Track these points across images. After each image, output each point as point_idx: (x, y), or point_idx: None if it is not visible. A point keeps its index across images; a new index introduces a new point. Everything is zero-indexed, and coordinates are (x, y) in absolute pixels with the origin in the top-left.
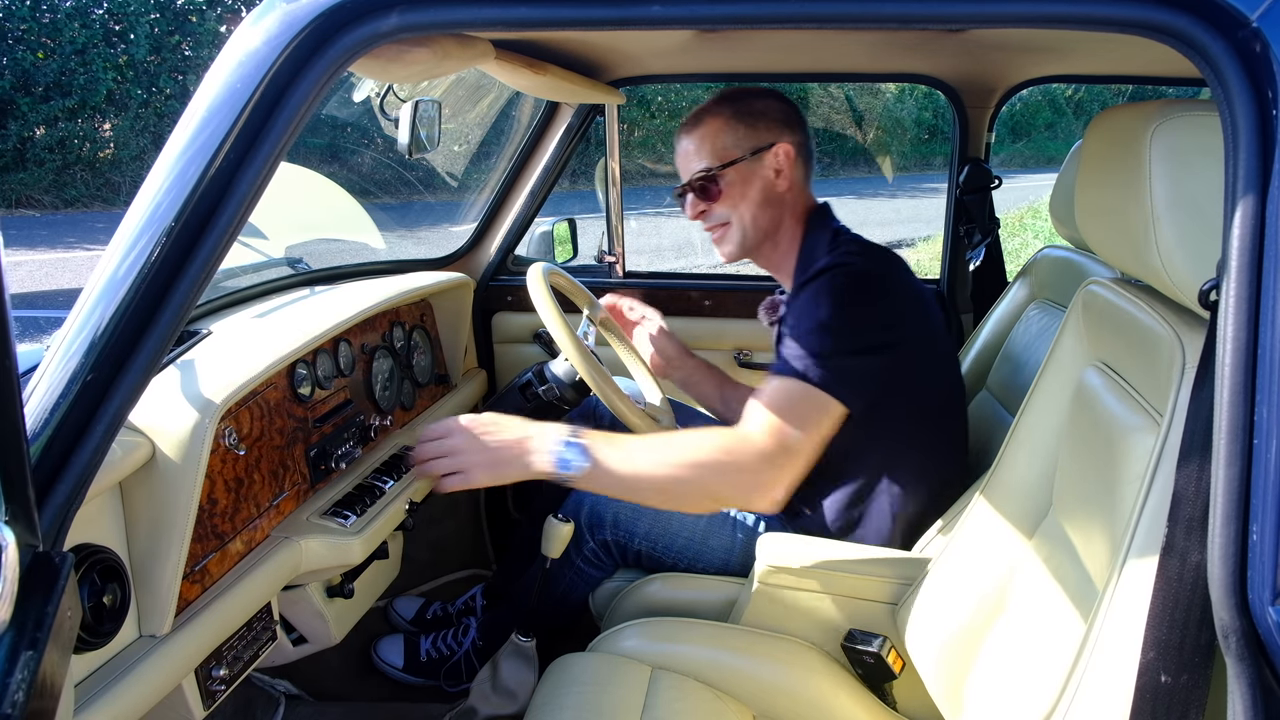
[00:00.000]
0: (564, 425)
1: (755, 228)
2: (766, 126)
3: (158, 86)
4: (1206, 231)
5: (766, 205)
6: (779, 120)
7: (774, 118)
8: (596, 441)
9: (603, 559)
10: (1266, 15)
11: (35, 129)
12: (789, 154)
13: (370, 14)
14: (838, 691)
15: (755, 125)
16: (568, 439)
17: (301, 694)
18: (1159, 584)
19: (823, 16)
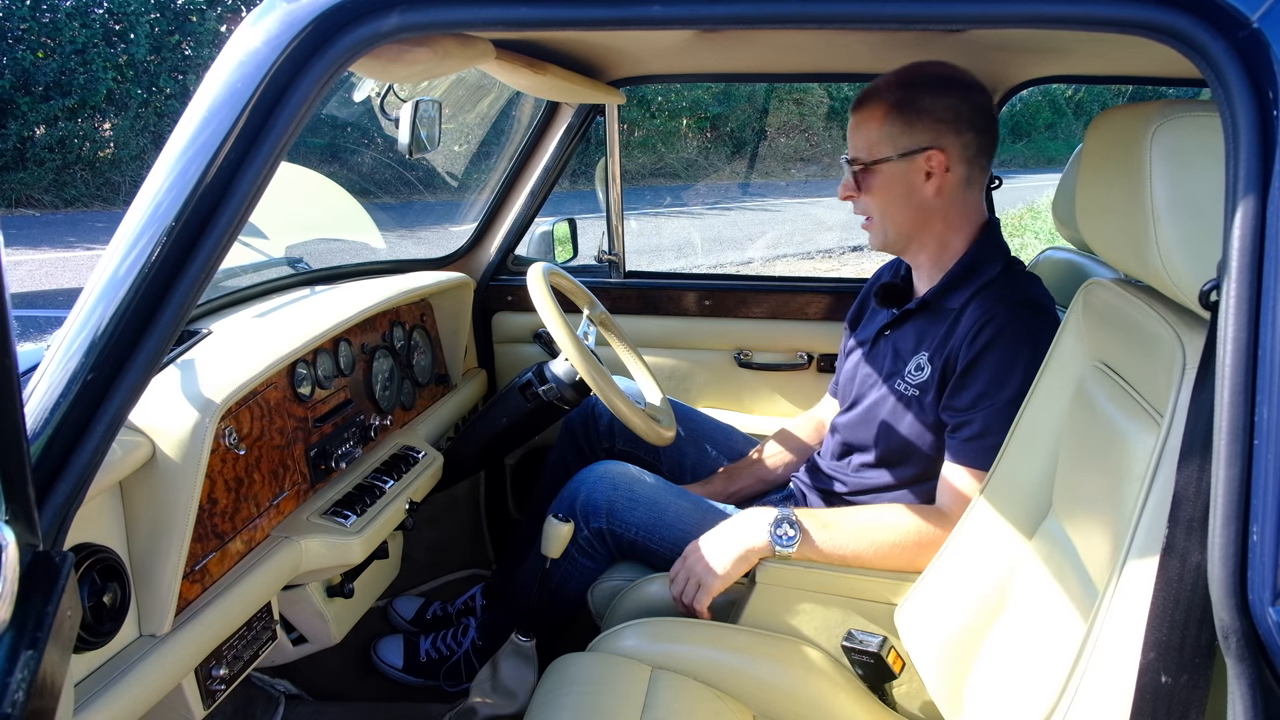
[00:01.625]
0: (770, 509)
1: (897, 230)
2: (927, 126)
3: (158, 86)
4: (1207, 232)
5: (912, 209)
6: (944, 120)
7: (939, 117)
8: (807, 519)
9: (597, 549)
10: (1267, 16)
11: (35, 128)
12: (941, 162)
13: (371, 14)
14: (837, 691)
15: (914, 124)
16: (778, 516)
17: (301, 694)
18: (1159, 584)
19: (823, 17)
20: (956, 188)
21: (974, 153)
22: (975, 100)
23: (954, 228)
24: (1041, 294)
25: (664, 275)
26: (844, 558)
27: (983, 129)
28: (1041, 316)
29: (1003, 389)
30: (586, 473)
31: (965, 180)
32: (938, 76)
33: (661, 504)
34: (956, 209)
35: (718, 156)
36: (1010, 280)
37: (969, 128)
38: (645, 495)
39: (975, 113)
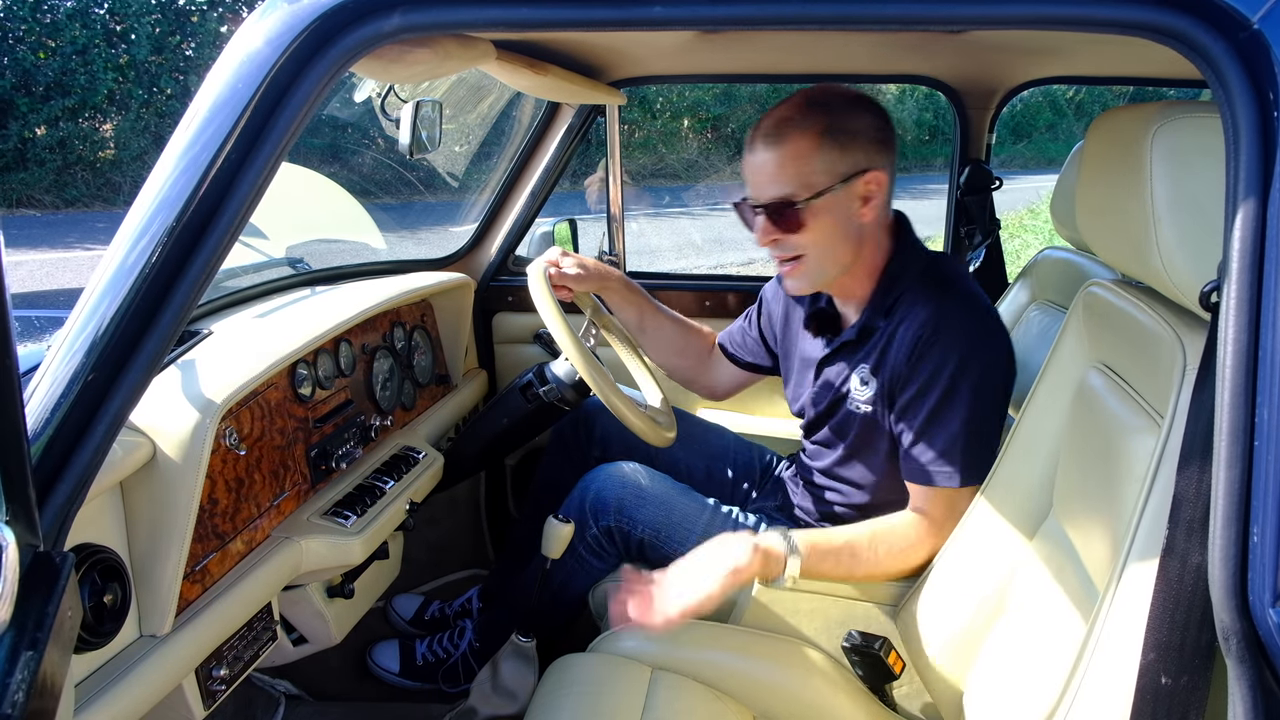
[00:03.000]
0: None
1: (835, 263)
2: (860, 148)
3: (159, 87)
4: (1207, 233)
5: (849, 238)
6: (874, 140)
7: (869, 138)
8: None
9: (605, 548)
10: (1268, 17)
11: (36, 129)
12: (881, 182)
13: (372, 14)
14: (837, 692)
15: (848, 147)
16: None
17: (302, 694)
18: (1159, 585)
19: (824, 18)
20: (884, 206)
21: (893, 170)
22: (885, 116)
23: (880, 248)
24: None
25: (664, 276)
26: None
27: (895, 145)
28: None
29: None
30: (596, 472)
31: (889, 199)
32: (851, 96)
33: (670, 503)
34: (882, 229)
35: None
36: (935, 277)
37: (889, 146)
38: (654, 494)
39: (889, 129)
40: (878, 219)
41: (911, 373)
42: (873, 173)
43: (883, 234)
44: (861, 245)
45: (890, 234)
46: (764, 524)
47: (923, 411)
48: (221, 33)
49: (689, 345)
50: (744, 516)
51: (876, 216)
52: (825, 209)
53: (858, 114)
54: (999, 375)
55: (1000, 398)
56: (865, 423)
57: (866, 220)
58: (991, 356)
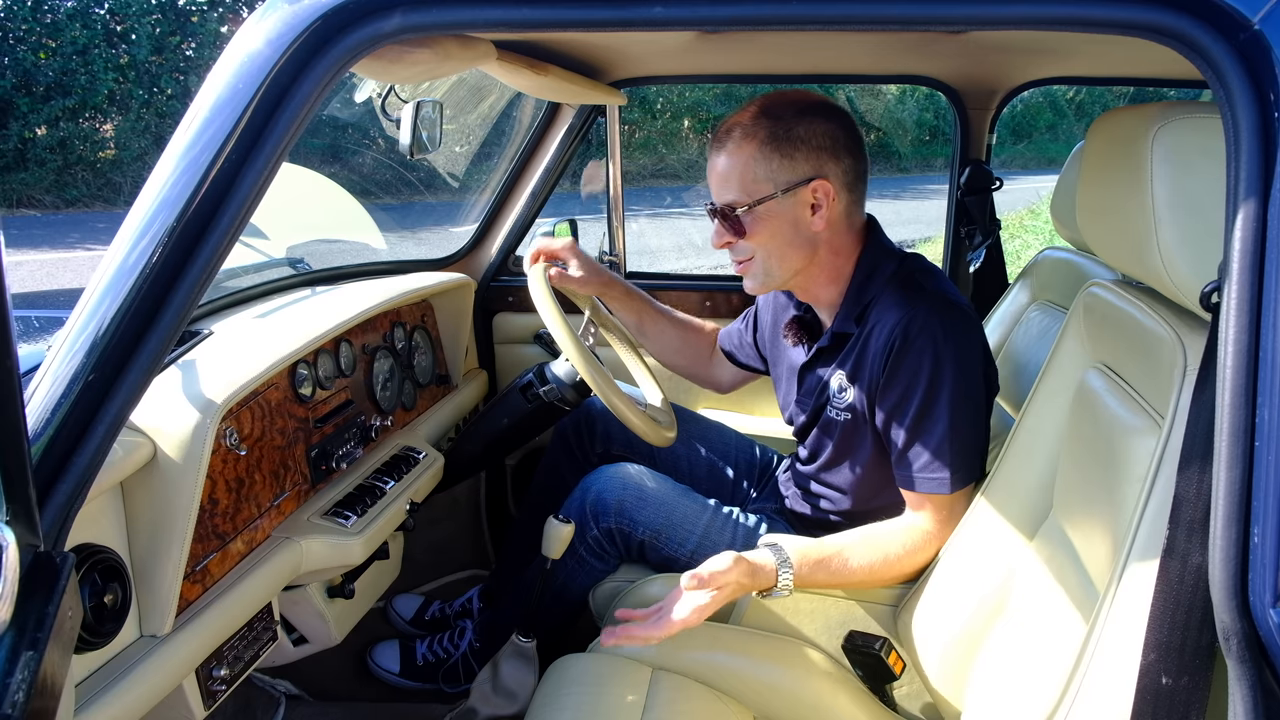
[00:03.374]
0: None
1: (784, 266)
2: (806, 156)
3: (159, 87)
4: (1208, 233)
5: (798, 244)
6: (822, 148)
7: (816, 145)
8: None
9: (606, 549)
10: (1268, 17)
11: (36, 129)
12: (829, 192)
13: (372, 15)
14: (838, 693)
15: (792, 155)
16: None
17: (302, 694)
18: (1160, 586)
19: (824, 18)
20: (841, 216)
21: (853, 178)
22: (845, 123)
23: (842, 253)
24: (940, 285)
25: (664, 276)
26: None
27: (857, 153)
28: (945, 309)
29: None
30: (597, 473)
31: (848, 206)
32: (804, 103)
33: (670, 504)
34: (841, 235)
35: None
36: (905, 280)
37: (846, 152)
38: (654, 495)
39: (848, 136)
40: (835, 225)
41: (889, 380)
42: (819, 181)
43: (848, 239)
44: (815, 251)
45: (859, 238)
46: (764, 525)
47: (906, 419)
48: (222, 33)
49: (688, 344)
50: (744, 517)
51: (832, 223)
52: (768, 215)
53: (807, 122)
54: (976, 371)
55: (981, 393)
56: (847, 428)
57: (818, 229)
58: (966, 354)
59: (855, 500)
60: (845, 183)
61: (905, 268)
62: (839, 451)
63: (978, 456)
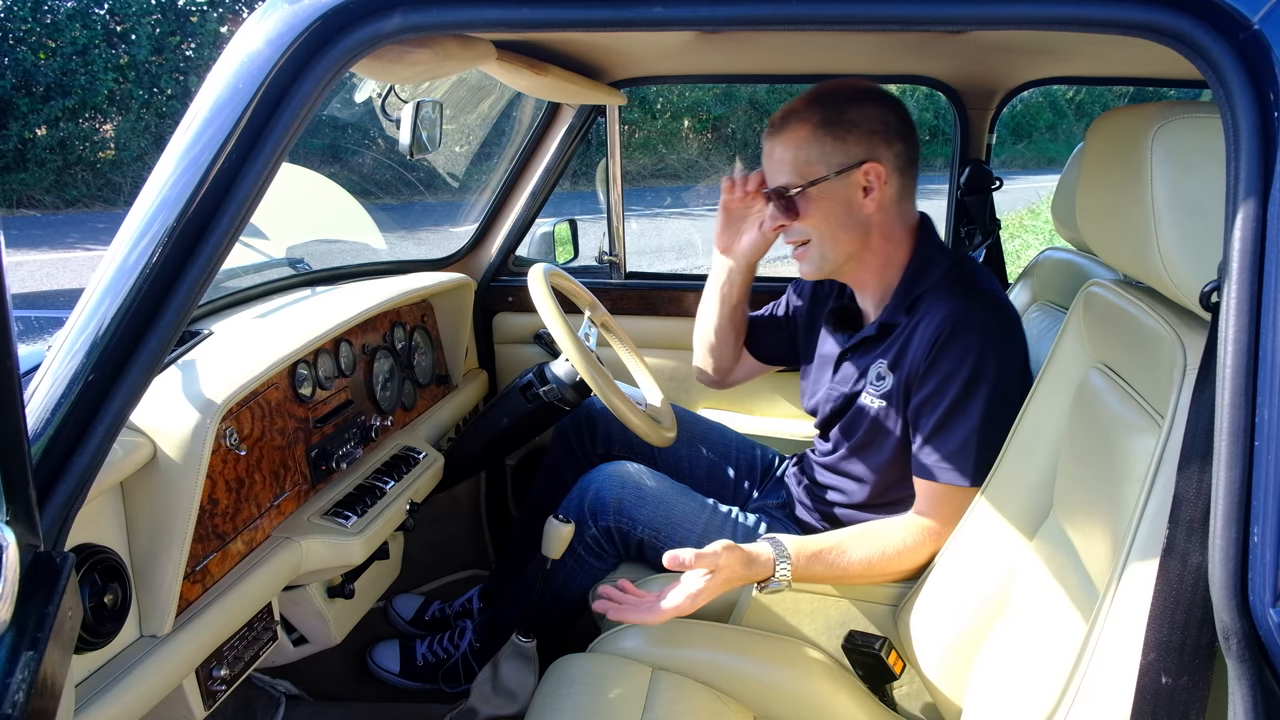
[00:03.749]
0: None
1: (838, 249)
2: (858, 139)
3: (159, 87)
4: (1208, 233)
5: (851, 227)
6: (874, 132)
7: (868, 129)
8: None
9: (605, 548)
10: (1268, 17)
11: (36, 129)
12: (879, 174)
13: (372, 15)
14: (838, 692)
15: (845, 138)
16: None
17: (302, 694)
18: (1160, 585)
19: (825, 18)
20: (893, 200)
21: (904, 162)
22: (897, 109)
23: (894, 240)
24: (991, 285)
25: (665, 276)
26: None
27: (909, 138)
28: (994, 310)
29: (958, 388)
30: (595, 472)
31: (900, 191)
32: (855, 89)
33: (669, 503)
34: (894, 221)
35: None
36: (958, 277)
37: (897, 137)
38: (653, 494)
39: (900, 121)
40: (887, 211)
41: (929, 370)
42: (871, 164)
43: (900, 229)
44: (868, 235)
45: (913, 233)
46: (764, 523)
47: (939, 409)
48: (222, 33)
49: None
50: (744, 516)
51: (884, 208)
52: (822, 197)
53: (859, 106)
54: (1016, 376)
55: (1015, 399)
56: (876, 419)
57: (870, 211)
58: (1009, 357)
59: (870, 492)
60: (896, 166)
61: (960, 265)
62: (864, 441)
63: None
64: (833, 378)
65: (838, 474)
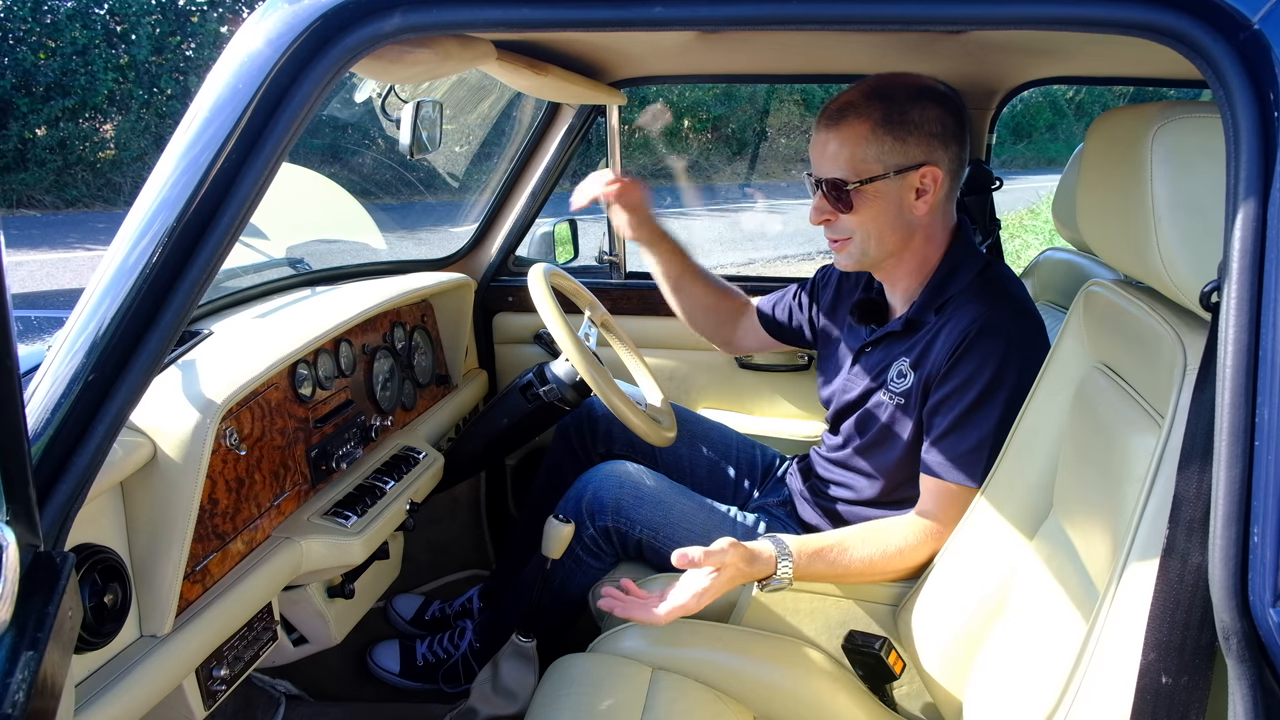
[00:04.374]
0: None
1: (881, 247)
2: (918, 141)
3: (159, 87)
4: (1208, 233)
5: (899, 227)
6: (934, 135)
7: (929, 131)
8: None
9: (603, 548)
10: (1268, 17)
11: (36, 129)
12: (937, 178)
13: (372, 15)
14: (838, 692)
15: (905, 139)
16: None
17: (302, 694)
18: (1160, 585)
19: (824, 18)
20: (942, 203)
21: (958, 165)
22: (955, 111)
23: (934, 241)
24: (1019, 291)
25: None
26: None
27: (964, 141)
28: (1020, 316)
29: (977, 390)
30: (593, 472)
31: (949, 194)
32: (916, 87)
33: (667, 503)
34: (938, 224)
35: (719, 157)
36: (988, 281)
37: (954, 140)
38: (651, 493)
39: (958, 124)
40: (934, 213)
41: (950, 371)
42: (929, 168)
43: (941, 230)
44: (912, 236)
45: (950, 233)
46: (764, 522)
47: (955, 410)
48: (222, 33)
49: (720, 305)
50: (743, 516)
51: (932, 210)
52: (875, 195)
53: (921, 106)
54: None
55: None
56: (892, 415)
57: (920, 213)
58: (1031, 364)
59: (878, 490)
60: (951, 170)
61: (992, 270)
62: (877, 439)
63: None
64: (850, 369)
65: (846, 469)
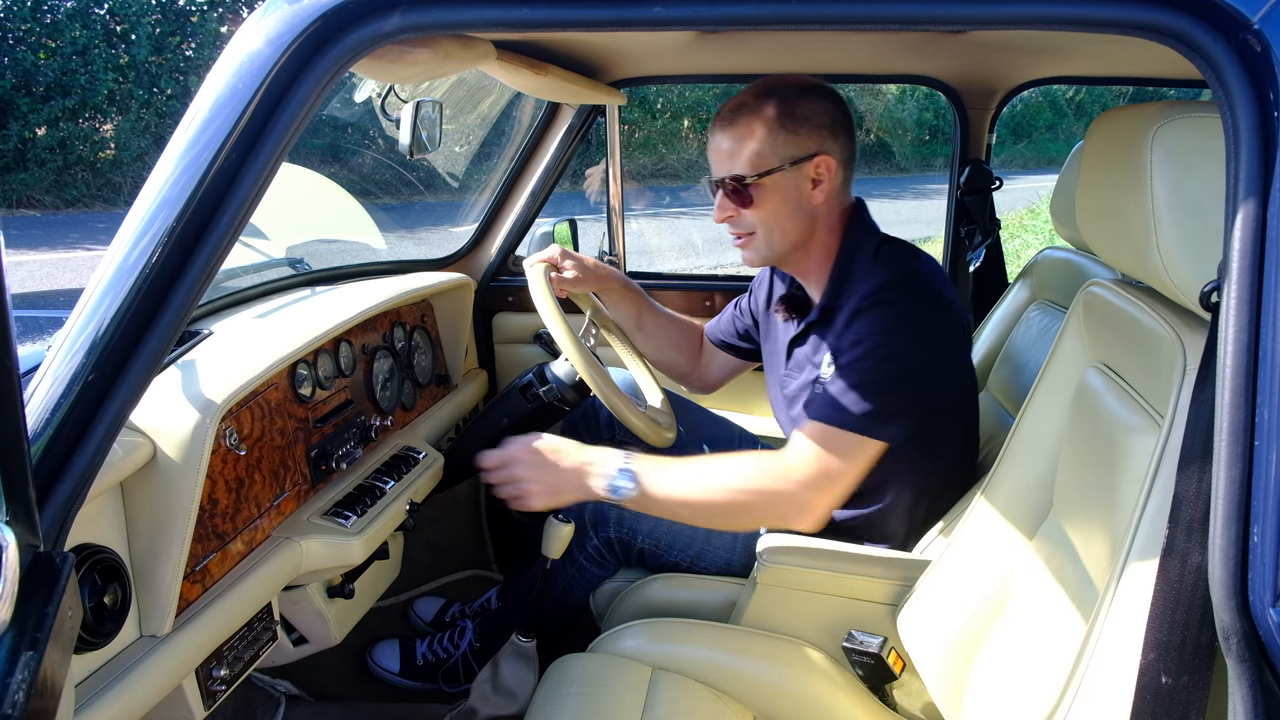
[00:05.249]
0: (618, 451)
1: (784, 239)
2: (810, 133)
3: (159, 87)
4: (1208, 233)
5: (798, 217)
6: (824, 125)
7: (819, 122)
8: (646, 467)
9: (606, 557)
10: (1268, 17)
11: (36, 129)
12: (830, 167)
13: (372, 14)
14: (837, 692)
15: (798, 131)
16: (621, 465)
17: (302, 694)
18: (1160, 585)
19: (825, 18)
20: (838, 191)
21: (849, 155)
22: (842, 105)
23: (835, 230)
24: (923, 266)
25: (664, 276)
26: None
27: (852, 132)
28: (912, 287)
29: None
30: None
31: (844, 183)
32: (804, 84)
33: None
34: (836, 212)
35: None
36: (882, 257)
37: (843, 131)
38: None
39: (845, 117)
40: (831, 202)
41: (841, 340)
42: (823, 157)
43: (839, 219)
44: (814, 226)
45: (847, 219)
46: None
47: (841, 363)
48: (222, 33)
49: (684, 340)
50: None
51: (829, 199)
52: (774, 187)
53: (810, 100)
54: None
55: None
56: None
57: (818, 202)
58: (921, 334)
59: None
60: (843, 159)
61: (888, 246)
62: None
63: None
64: (787, 365)
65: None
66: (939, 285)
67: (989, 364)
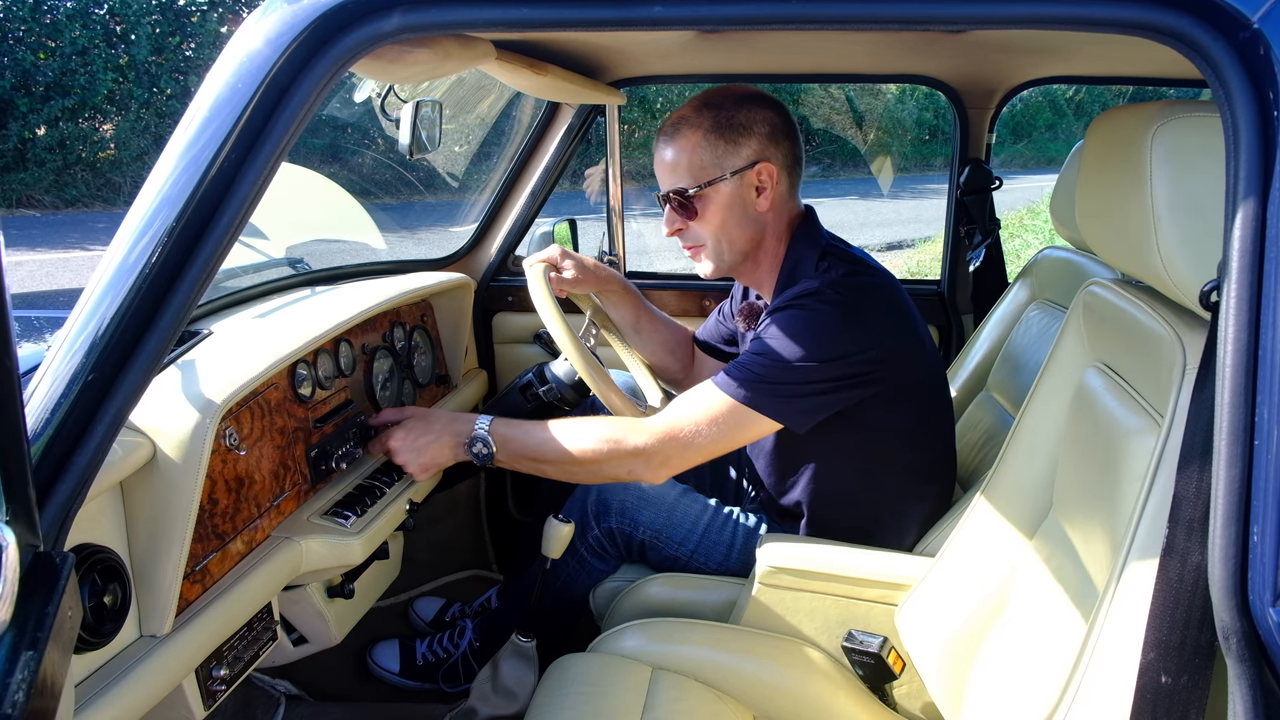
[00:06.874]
0: (484, 417)
1: (732, 249)
2: (748, 141)
3: (159, 87)
4: (1207, 232)
5: (745, 225)
6: (763, 134)
7: (757, 131)
8: (503, 428)
9: (607, 549)
10: (1268, 17)
11: (36, 129)
12: (772, 174)
13: (372, 14)
14: (837, 692)
15: (736, 140)
16: (482, 429)
17: (302, 694)
18: (1159, 585)
19: (824, 17)
20: (783, 198)
21: (792, 161)
22: (782, 111)
23: (780, 236)
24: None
25: (663, 276)
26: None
27: (794, 138)
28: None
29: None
30: None
31: (789, 189)
32: (742, 94)
33: (670, 503)
34: (783, 220)
35: None
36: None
37: (784, 137)
38: (654, 495)
39: (786, 123)
40: (778, 209)
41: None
42: (764, 164)
43: (786, 227)
44: (761, 235)
45: (795, 228)
46: (764, 523)
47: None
48: (221, 33)
49: (680, 345)
50: (745, 516)
51: (775, 206)
52: (718, 198)
53: (748, 109)
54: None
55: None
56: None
57: (763, 210)
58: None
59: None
60: (785, 165)
61: (829, 257)
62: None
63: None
64: None
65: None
66: (861, 299)
67: (989, 364)
